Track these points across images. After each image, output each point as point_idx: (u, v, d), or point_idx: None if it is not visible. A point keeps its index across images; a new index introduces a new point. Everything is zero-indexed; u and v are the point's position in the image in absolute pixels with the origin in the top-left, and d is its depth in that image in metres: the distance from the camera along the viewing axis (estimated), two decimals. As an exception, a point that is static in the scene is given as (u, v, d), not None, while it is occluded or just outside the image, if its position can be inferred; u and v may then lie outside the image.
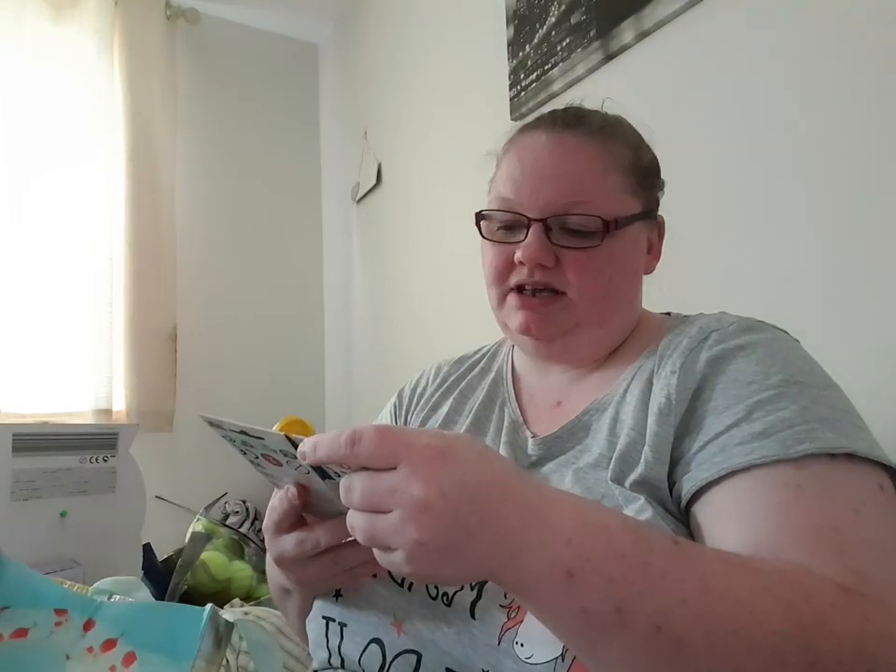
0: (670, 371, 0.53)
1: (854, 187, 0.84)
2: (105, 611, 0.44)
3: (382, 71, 2.11)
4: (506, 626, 0.43)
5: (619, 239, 0.58)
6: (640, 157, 0.63)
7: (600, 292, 0.58)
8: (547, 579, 0.35)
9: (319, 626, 0.53)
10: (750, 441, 0.45)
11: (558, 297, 0.59)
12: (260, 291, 2.34)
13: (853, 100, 0.84)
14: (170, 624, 0.43)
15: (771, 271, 0.93)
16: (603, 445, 0.54)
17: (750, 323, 0.55)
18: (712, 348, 0.52)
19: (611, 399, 0.57)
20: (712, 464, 0.46)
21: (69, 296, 1.93)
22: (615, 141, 0.61)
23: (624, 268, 0.61)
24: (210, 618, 0.43)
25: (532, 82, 1.36)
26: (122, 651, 0.42)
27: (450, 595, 0.47)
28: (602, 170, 0.59)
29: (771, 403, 0.47)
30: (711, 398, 0.49)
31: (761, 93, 0.95)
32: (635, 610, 0.34)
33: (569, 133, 0.60)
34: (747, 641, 0.35)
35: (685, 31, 1.06)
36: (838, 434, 0.44)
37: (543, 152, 0.60)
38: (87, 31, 2.01)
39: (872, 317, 0.81)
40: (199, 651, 0.42)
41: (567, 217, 0.57)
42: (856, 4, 0.84)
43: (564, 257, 0.58)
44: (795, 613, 0.35)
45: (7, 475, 1.22)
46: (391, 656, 0.47)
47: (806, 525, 0.41)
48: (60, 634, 0.43)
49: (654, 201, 0.65)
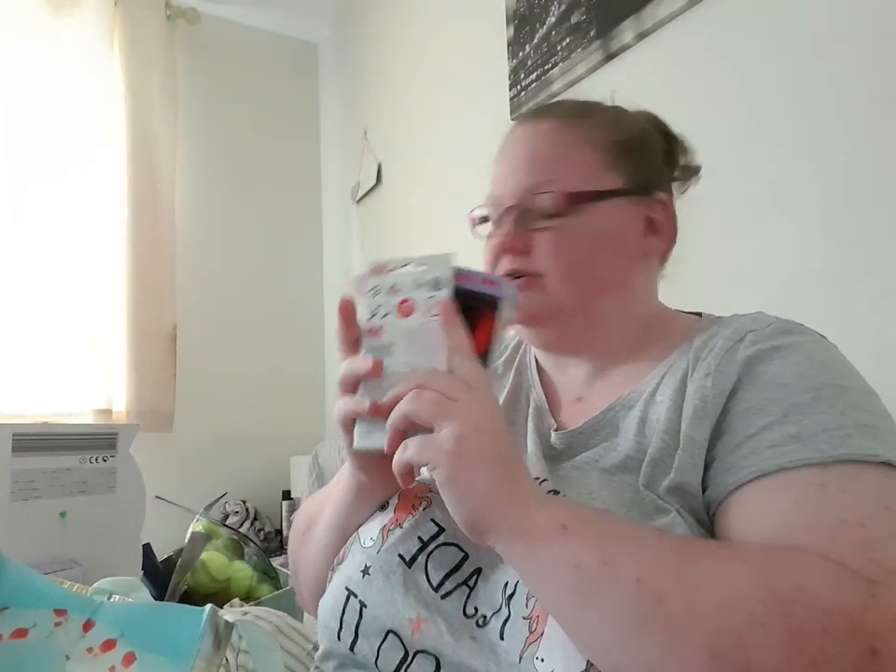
0: (705, 374, 0.51)
1: (855, 185, 0.84)
2: (105, 612, 0.44)
3: (382, 71, 2.11)
4: (528, 641, 0.43)
5: (594, 214, 0.57)
6: (620, 132, 0.61)
7: (575, 270, 0.57)
8: (544, 529, 0.40)
9: (339, 596, 0.53)
10: (783, 444, 0.44)
11: (536, 279, 0.58)
12: (260, 291, 2.34)
13: (853, 99, 0.84)
14: (170, 625, 0.43)
15: (771, 270, 0.93)
16: (630, 446, 0.52)
17: (788, 325, 0.53)
18: (748, 349, 0.50)
19: (638, 396, 0.55)
20: (742, 467, 0.45)
21: (69, 296, 1.93)
22: (588, 119, 0.61)
23: (604, 245, 0.58)
24: (210, 618, 0.43)
25: (532, 82, 1.36)
26: (122, 652, 0.42)
27: (487, 617, 0.46)
28: (570, 148, 0.59)
29: (808, 406, 0.45)
30: (745, 399, 0.48)
31: (760, 93, 0.95)
32: (618, 563, 0.38)
33: (540, 119, 0.61)
34: (724, 602, 0.35)
35: (685, 31, 1.07)
36: (875, 442, 0.43)
37: (516, 142, 0.61)
38: (87, 31, 2.01)
39: (874, 317, 0.81)
40: (199, 651, 0.42)
41: (534, 199, 0.57)
42: (855, 2, 0.84)
43: (536, 239, 0.57)
44: (771, 581, 0.36)
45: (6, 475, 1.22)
46: (410, 653, 0.48)
47: (827, 519, 0.40)
48: (59, 634, 0.43)
49: (646, 176, 0.61)
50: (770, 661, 0.34)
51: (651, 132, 0.65)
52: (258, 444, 2.24)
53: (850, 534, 0.39)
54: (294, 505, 2.10)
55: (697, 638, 0.35)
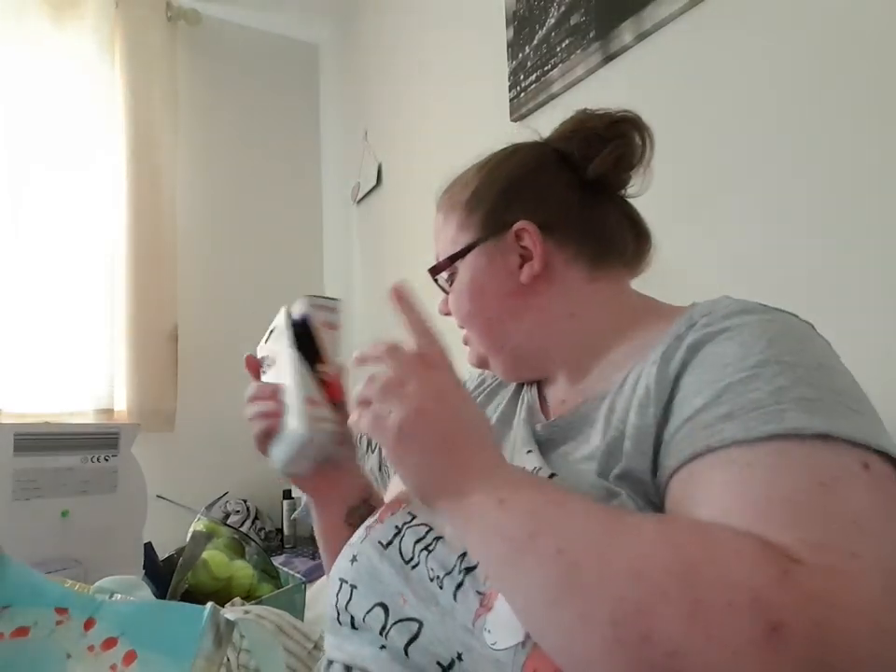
0: (652, 361, 0.52)
1: (855, 185, 0.84)
2: (107, 610, 0.45)
3: (382, 71, 2.11)
4: (478, 612, 0.46)
5: (464, 272, 0.66)
6: (465, 191, 0.67)
7: (470, 321, 0.67)
8: (481, 504, 0.43)
9: (334, 586, 0.59)
10: (715, 423, 0.43)
11: (465, 332, 0.70)
12: (261, 291, 2.35)
13: (853, 99, 0.85)
14: (170, 623, 0.43)
15: (771, 270, 0.93)
16: (598, 437, 0.54)
17: (747, 306, 0.51)
18: (696, 333, 0.50)
19: (610, 388, 0.57)
20: (679, 450, 0.45)
21: (71, 296, 1.94)
22: (453, 189, 0.70)
23: (481, 292, 0.65)
24: (210, 616, 0.43)
25: (532, 83, 1.36)
26: (123, 650, 0.42)
27: (441, 577, 0.50)
28: (442, 222, 0.69)
29: (743, 384, 0.44)
30: (688, 383, 0.48)
31: (760, 93, 0.96)
32: (544, 535, 0.40)
33: (436, 205, 0.72)
34: (633, 571, 0.36)
35: (684, 32, 1.07)
36: (813, 416, 0.41)
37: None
38: (88, 32, 2.02)
39: (873, 317, 0.82)
40: (199, 649, 0.42)
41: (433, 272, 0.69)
42: (854, 3, 0.85)
43: None
44: (684, 553, 0.36)
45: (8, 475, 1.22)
46: (394, 620, 0.52)
47: (755, 499, 0.39)
48: (61, 633, 0.43)
49: (497, 218, 0.65)
50: (669, 629, 0.34)
51: (506, 166, 0.68)
52: (258, 444, 2.24)
53: (777, 512, 0.38)
54: (294, 504, 2.10)
55: (604, 605, 0.36)
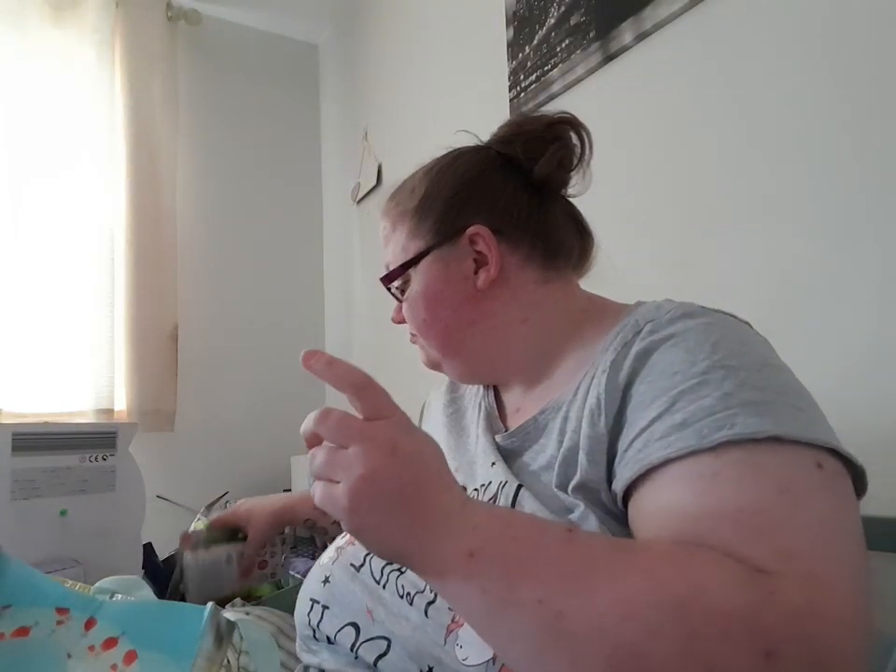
0: (601, 370, 0.52)
1: (854, 186, 0.84)
2: (107, 610, 0.44)
3: (382, 71, 2.11)
4: (450, 628, 0.47)
5: (417, 280, 0.64)
6: (413, 198, 0.67)
7: (425, 329, 0.65)
8: (452, 559, 0.40)
9: (305, 606, 0.60)
10: (670, 433, 0.44)
11: (417, 338, 0.68)
12: (261, 291, 2.35)
13: (852, 100, 0.85)
14: (171, 623, 0.43)
15: (771, 270, 0.93)
16: (554, 446, 0.54)
17: (688, 309, 0.52)
18: (643, 341, 0.51)
19: (566, 397, 0.57)
20: (636, 461, 0.45)
21: (70, 296, 1.94)
22: (396, 198, 0.69)
23: (437, 299, 0.64)
24: (211, 616, 0.43)
25: (532, 83, 1.36)
26: (123, 650, 0.42)
27: (412, 594, 0.51)
28: (390, 231, 0.68)
29: (693, 392, 0.45)
30: (639, 392, 0.48)
31: (760, 94, 0.96)
32: (521, 585, 0.38)
33: (382, 212, 0.71)
34: (622, 614, 0.35)
35: (684, 32, 1.07)
36: (763, 418, 0.42)
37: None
38: (88, 32, 2.01)
39: (871, 317, 0.82)
40: (200, 649, 0.42)
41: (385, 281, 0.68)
42: (854, 4, 0.85)
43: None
44: (669, 587, 0.36)
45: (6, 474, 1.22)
46: (364, 638, 0.53)
47: (726, 511, 0.40)
48: (61, 633, 0.43)
49: (450, 223, 0.64)
50: (668, 667, 0.34)
51: (452, 170, 0.68)
52: (258, 444, 2.24)
53: (749, 523, 0.39)
54: (294, 505, 2.10)
55: (597, 652, 0.35)
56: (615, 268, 0.69)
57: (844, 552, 0.38)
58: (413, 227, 0.65)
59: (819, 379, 0.85)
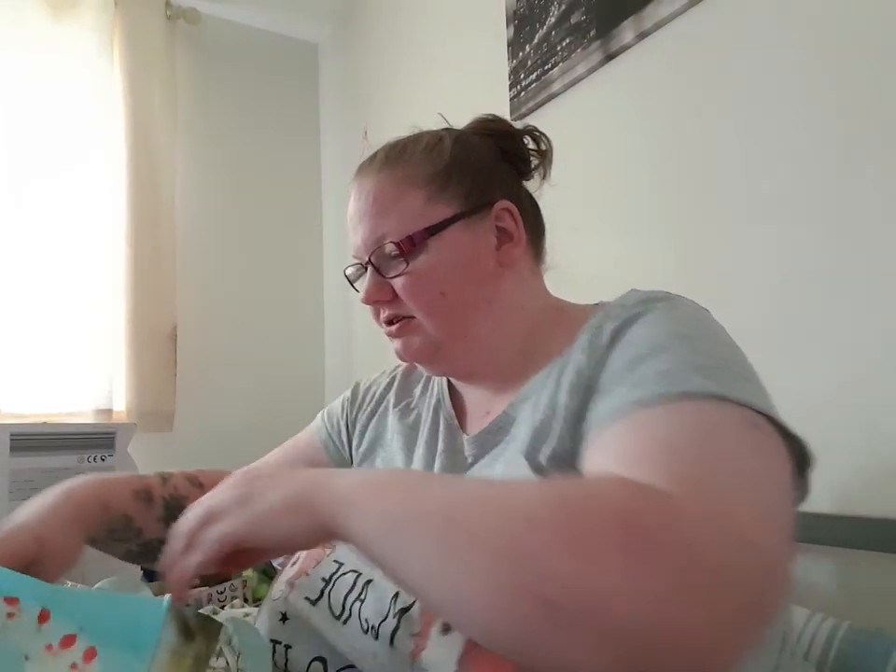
0: (580, 350, 0.54)
1: (855, 186, 0.84)
2: (60, 601, 0.41)
3: (382, 71, 2.11)
4: (413, 654, 0.46)
5: (437, 248, 0.60)
6: (435, 162, 0.63)
7: (435, 305, 0.61)
8: (359, 490, 0.41)
9: (268, 647, 0.57)
10: (624, 395, 0.45)
11: (410, 321, 0.62)
12: (261, 291, 2.34)
13: (853, 99, 0.84)
14: (128, 617, 0.41)
15: (771, 270, 0.93)
16: (527, 430, 0.55)
17: (653, 294, 0.55)
18: (614, 322, 0.53)
19: (533, 390, 0.58)
20: (596, 423, 0.47)
21: (69, 296, 1.93)
22: (403, 162, 0.64)
23: (456, 273, 0.61)
24: (169, 608, 0.41)
25: (532, 82, 1.36)
26: (82, 647, 0.40)
27: (377, 626, 0.49)
28: (392, 197, 0.62)
29: (650, 357, 0.47)
30: (608, 367, 0.50)
31: (761, 93, 0.95)
32: (421, 499, 0.39)
33: (363, 175, 0.65)
34: (508, 514, 0.36)
35: (685, 31, 1.06)
36: (708, 380, 0.43)
37: (353, 200, 0.65)
38: (87, 31, 2.01)
39: (872, 316, 0.81)
40: (160, 641, 0.40)
41: (382, 250, 0.61)
42: (855, 4, 0.84)
43: (395, 286, 0.61)
44: (558, 490, 0.37)
45: (5, 475, 1.22)
46: (333, 669, 0.51)
47: (638, 447, 0.41)
48: (13, 629, 0.40)
49: (479, 192, 0.63)
50: (553, 560, 0.33)
51: (472, 144, 0.67)
52: (258, 444, 2.22)
53: (656, 455, 0.39)
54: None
55: (489, 552, 0.35)
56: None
57: (758, 498, 0.37)
58: (435, 192, 0.62)
59: (826, 377, 0.85)
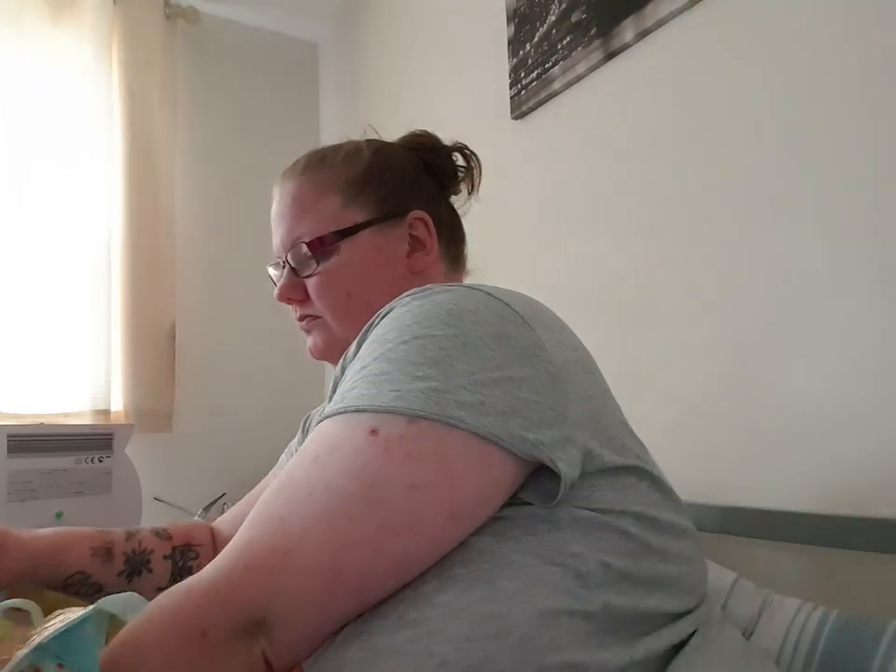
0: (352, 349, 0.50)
1: (855, 186, 0.83)
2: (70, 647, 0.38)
3: (382, 70, 2.10)
4: None
5: (348, 252, 0.63)
6: (353, 168, 0.66)
7: (341, 308, 0.63)
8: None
9: None
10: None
11: (318, 320, 0.65)
12: (260, 290, 2.33)
13: (855, 99, 0.84)
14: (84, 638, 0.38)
15: (771, 270, 0.92)
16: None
17: (428, 290, 0.47)
18: (377, 321, 0.49)
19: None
20: None
21: (67, 295, 1.92)
22: (322, 168, 0.67)
23: (364, 276, 0.63)
24: (94, 618, 0.39)
25: (532, 81, 1.35)
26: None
27: None
28: (310, 200, 0.65)
29: (355, 364, 0.45)
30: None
31: (762, 92, 0.95)
32: None
33: (285, 179, 0.69)
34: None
35: (686, 29, 1.06)
36: (348, 400, 0.41)
37: (275, 203, 0.69)
38: (86, 30, 2.00)
39: (877, 316, 0.80)
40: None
41: (297, 251, 0.64)
42: (857, 4, 0.84)
43: (307, 286, 0.65)
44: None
45: (2, 476, 1.21)
46: None
47: (284, 479, 0.41)
48: None
49: (394, 201, 0.66)
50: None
51: (393, 155, 0.71)
52: (257, 445, 2.22)
53: (261, 510, 0.40)
54: (293, 506, 2.09)
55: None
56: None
57: (318, 521, 0.37)
58: (350, 197, 0.65)
59: (828, 377, 0.84)
